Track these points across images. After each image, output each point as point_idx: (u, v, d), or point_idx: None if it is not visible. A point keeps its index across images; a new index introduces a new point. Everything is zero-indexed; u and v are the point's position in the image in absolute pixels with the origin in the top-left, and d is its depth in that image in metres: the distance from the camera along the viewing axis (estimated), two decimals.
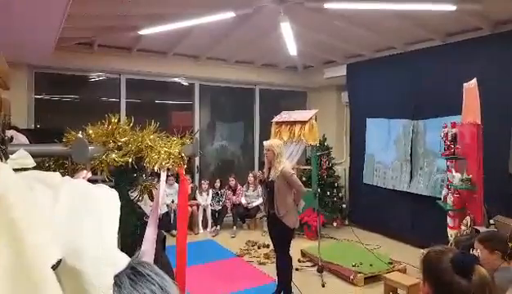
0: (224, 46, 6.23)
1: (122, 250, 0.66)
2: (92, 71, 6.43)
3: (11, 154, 0.80)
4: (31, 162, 0.78)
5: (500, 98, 4.55)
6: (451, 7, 4.01)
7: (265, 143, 4.05)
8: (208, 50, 6.44)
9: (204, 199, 6.87)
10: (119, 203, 0.70)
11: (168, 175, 3.51)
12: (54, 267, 0.55)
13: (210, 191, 6.97)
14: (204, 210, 6.84)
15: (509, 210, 3.58)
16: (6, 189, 0.56)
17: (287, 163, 4.06)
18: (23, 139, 2.10)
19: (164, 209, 6.08)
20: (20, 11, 3.27)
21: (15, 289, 0.50)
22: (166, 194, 6.14)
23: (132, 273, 0.62)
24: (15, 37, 4.01)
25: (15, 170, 0.68)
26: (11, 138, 1.26)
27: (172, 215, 6.29)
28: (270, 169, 3.97)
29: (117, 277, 0.59)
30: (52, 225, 0.59)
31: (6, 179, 0.58)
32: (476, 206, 3.68)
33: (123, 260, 0.63)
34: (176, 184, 6.14)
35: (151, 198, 2.37)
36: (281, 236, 3.94)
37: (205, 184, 6.96)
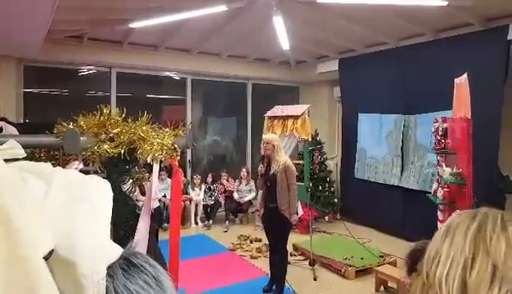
0: (216, 41, 6.19)
1: (114, 241, 0.65)
2: (81, 64, 6.34)
3: (1, 145, 0.79)
4: (22, 153, 0.77)
5: (490, 93, 4.60)
6: (443, 3, 4.04)
7: (264, 136, 4.09)
8: (200, 44, 6.39)
9: (197, 194, 6.87)
10: (111, 194, 0.69)
11: (159, 170, 3.49)
12: (46, 257, 0.54)
13: (202, 186, 6.97)
14: (196, 204, 6.84)
15: (498, 204, 3.64)
16: None
17: (287, 157, 4.08)
18: (13, 130, 2.06)
19: (156, 204, 6.05)
20: (8, 3, 3.20)
21: (7, 279, 0.49)
22: (158, 189, 6.11)
23: (125, 263, 0.61)
24: (3, 30, 3.93)
25: (6, 160, 0.67)
26: (1, 129, 1.24)
27: (164, 210, 6.26)
28: (268, 163, 3.97)
29: (110, 267, 0.59)
30: (44, 216, 0.58)
31: None
32: (465, 200, 3.73)
33: (116, 250, 0.63)
34: (168, 179, 6.11)
35: (142, 192, 2.36)
36: (281, 229, 3.91)
37: (197, 179, 6.95)
